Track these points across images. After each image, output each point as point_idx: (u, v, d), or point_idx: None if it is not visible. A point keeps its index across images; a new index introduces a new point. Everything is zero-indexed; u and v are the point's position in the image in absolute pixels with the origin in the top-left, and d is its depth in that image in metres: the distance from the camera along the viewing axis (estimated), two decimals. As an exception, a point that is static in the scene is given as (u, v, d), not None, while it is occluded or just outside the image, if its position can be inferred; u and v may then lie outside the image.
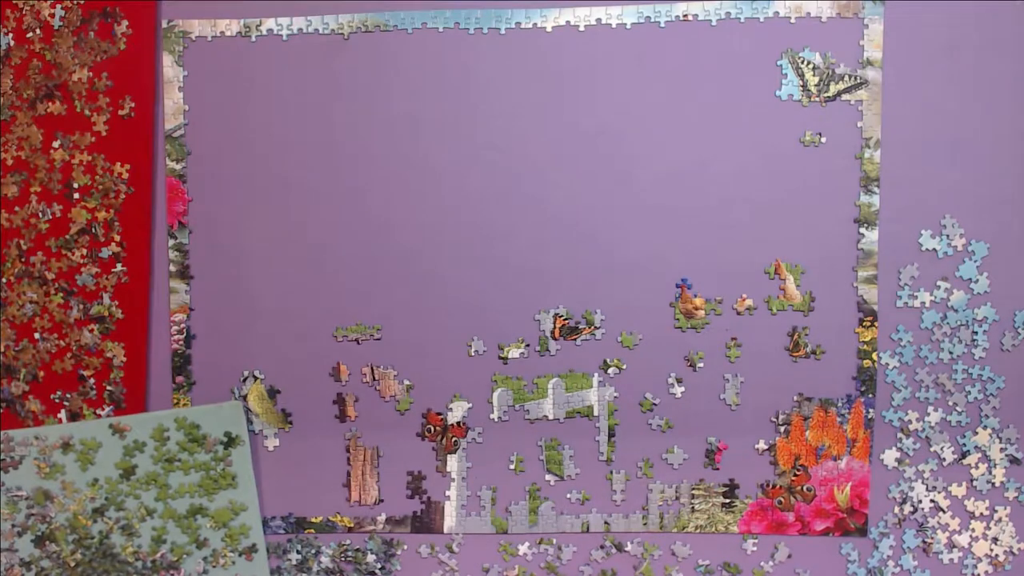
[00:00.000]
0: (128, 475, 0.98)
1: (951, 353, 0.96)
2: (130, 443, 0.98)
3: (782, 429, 0.98)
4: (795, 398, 0.98)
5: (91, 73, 0.99)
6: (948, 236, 0.95)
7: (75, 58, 0.99)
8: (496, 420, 0.99)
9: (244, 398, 1.01)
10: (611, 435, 0.99)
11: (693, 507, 0.99)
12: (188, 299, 1.00)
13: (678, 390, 0.98)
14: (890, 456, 0.97)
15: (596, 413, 0.99)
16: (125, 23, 0.98)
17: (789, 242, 0.96)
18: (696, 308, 0.97)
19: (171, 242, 1.00)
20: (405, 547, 1.01)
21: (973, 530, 0.97)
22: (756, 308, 0.97)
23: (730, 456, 0.99)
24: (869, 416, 0.97)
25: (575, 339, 0.98)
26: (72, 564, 0.97)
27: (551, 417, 0.99)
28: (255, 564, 0.99)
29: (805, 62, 0.94)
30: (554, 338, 0.99)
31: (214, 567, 0.99)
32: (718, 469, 0.98)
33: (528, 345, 0.99)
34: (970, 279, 0.95)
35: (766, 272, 0.96)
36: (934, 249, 0.95)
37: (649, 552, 0.98)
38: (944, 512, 0.98)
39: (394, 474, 1.01)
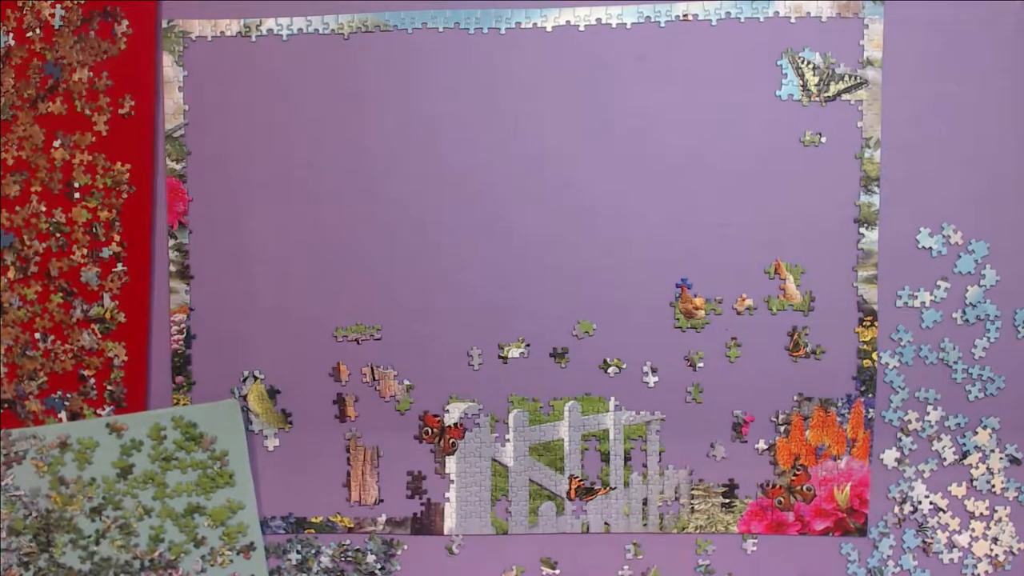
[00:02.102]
0: (125, 474, 0.98)
1: (951, 353, 0.96)
2: (127, 442, 0.98)
3: (782, 429, 0.98)
4: (795, 398, 0.98)
5: (91, 73, 0.99)
6: (948, 235, 0.95)
7: (75, 58, 0.99)
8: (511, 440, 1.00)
9: (244, 398, 1.01)
10: (627, 459, 0.99)
11: (693, 507, 0.99)
12: (188, 299, 1.00)
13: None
14: (890, 456, 0.97)
15: (612, 437, 0.99)
16: (125, 23, 0.98)
17: (789, 242, 0.96)
18: (696, 308, 0.97)
19: (171, 242, 1.00)
20: (405, 547, 1.01)
21: (973, 530, 0.97)
22: (756, 308, 0.97)
23: (730, 455, 0.99)
24: (869, 416, 0.97)
25: (591, 499, 0.99)
26: (69, 564, 0.97)
27: (566, 440, 0.99)
28: (253, 562, 0.99)
29: (805, 62, 0.94)
30: (570, 499, 0.99)
31: (212, 566, 0.99)
32: (746, 442, 0.98)
33: (529, 345, 0.99)
34: (969, 277, 0.95)
35: (766, 272, 0.96)
36: (934, 248, 0.95)
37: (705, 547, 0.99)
38: (944, 512, 0.98)
39: (394, 474, 1.01)
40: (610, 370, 0.98)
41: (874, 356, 0.96)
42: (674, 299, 0.97)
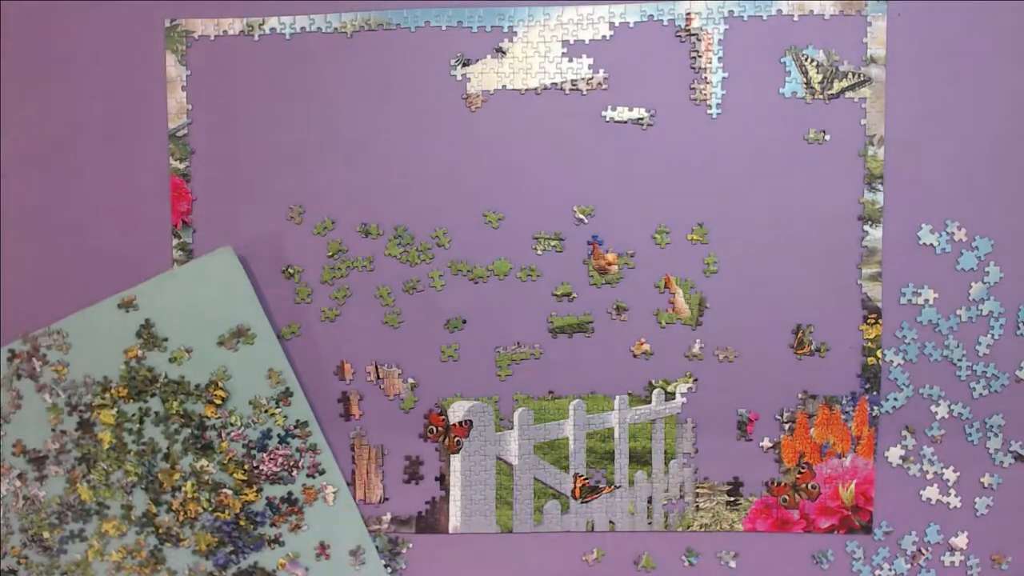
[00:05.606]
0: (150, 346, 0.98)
1: (955, 350, 0.96)
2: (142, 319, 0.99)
3: (787, 427, 0.98)
4: (800, 396, 0.98)
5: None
6: (951, 232, 0.95)
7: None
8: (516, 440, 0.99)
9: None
10: (631, 457, 0.99)
11: (698, 505, 0.99)
12: (191, 298, 1.00)
13: (683, 387, 0.98)
14: (894, 453, 0.97)
15: (617, 436, 0.99)
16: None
17: (793, 240, 0.96)
18: (609, 264, 0.97)
19: (175, 241, 1.00)
20: (411, 545, 1.01)
21: (976, 529, 0.97)
22: (652, 354, 0.97)
23: (734, 454, 0.98)
24: (874, 413, 0.97)
25: (595, 497, 0.99)
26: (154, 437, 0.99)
27: (571, 439, 0.99)
28: (294, 408, 0.99)
29: (809, 59, 0.95)
30: (575, 497, 0.99)
31: (256, 421, 0.99)
32: (751, 440, 0.98)
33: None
34: (973, 274, 0.95)
35: (656, 286, 0.97)
36: (937, 245, 0.95)
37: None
38: (947, 510, 0.97)
39: (399, 473, 1.01)
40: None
41: (879, 354, 0.96)
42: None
